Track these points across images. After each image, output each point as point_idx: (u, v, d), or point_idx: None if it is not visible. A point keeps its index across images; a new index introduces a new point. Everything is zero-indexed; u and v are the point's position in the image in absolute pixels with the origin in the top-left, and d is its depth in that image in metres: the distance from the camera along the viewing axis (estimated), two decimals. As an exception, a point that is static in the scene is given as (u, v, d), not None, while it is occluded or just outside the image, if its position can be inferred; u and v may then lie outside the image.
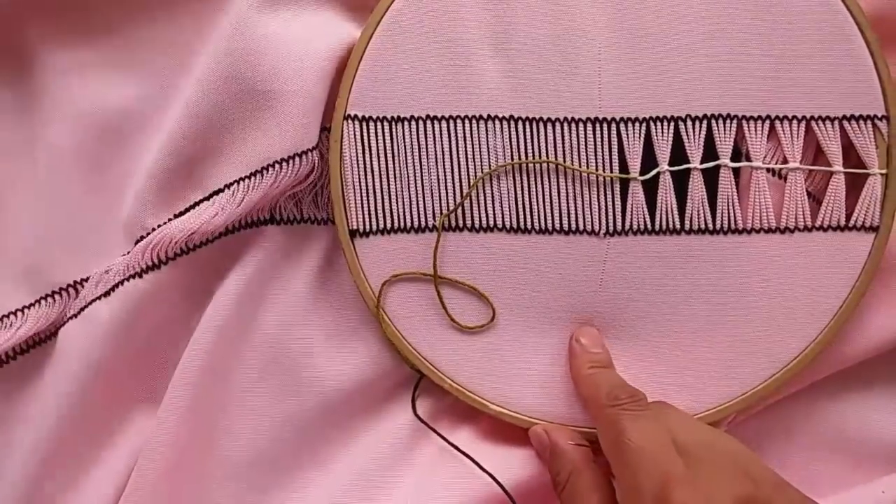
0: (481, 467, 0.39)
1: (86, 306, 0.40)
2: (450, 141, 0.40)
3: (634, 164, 0.40)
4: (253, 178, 0.39)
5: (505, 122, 0.40)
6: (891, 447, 0.42)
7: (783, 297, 0.40)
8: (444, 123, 0.40)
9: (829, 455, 0.42)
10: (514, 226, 0.40)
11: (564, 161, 0.40)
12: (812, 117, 0.39)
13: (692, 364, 0.40)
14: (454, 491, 0.40)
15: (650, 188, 0.40)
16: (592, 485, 0.36)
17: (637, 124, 0.39)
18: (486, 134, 0.40)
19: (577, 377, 0.39)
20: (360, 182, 0.40)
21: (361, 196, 0.40)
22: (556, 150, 0.40)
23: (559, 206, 0.40)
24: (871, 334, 0.40)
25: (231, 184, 0.40)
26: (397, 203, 0.40)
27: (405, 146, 0.40)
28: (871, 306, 0.40)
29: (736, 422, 0.42)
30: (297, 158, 0.39)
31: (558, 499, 0.38)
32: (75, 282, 0.41)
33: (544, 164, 0.40)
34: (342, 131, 0.40)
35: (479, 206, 0.40)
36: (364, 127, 0.40)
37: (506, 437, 0.41)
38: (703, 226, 0.40)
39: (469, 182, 0.40)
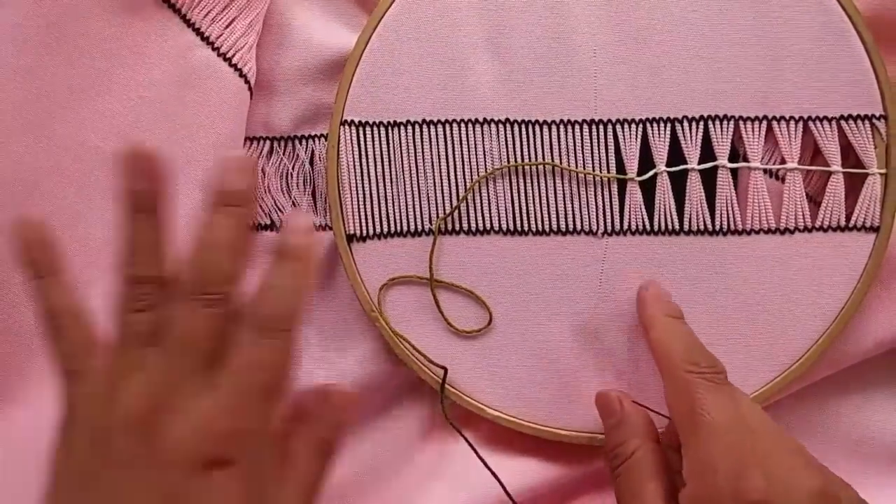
0: (501, 484, 0.39)
1: None
2: (446, 145, 0.40)
3: (632, 165, 0.40)
4: None
5: (501, 125, 0.40)
6: (891, 447, 0.41)
7: (784, 299, 0.40)
8: (440, 127, 0.40)
9: (829, 455, 0.40)
10: (511, 228, 0.40)
11: (561, 162, 0.40)
12: (809, 117, 0.39)
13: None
14: (455, 495, 0.39)
15: (648, 189, 0.40)
16: (652, 471, 0.35)
17: (633, 126, 0.39)
18: (483, 137, 0.40)
19: (652, 323, 0.37)
20: (356, 187, 0.40)
21: (358, 201, 0.40)
22: (552, 152, 0.40)
23: (556, 207, 0.40)
24: (871, 334, 0.40)
25: None
26: (394, 207, 0.40)
27: (401, 151, 0.40)
28: (872, 306, 0.40)
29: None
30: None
31: (610, 471, 0.37)
32: None
33: (541, 166, 0.40)
34: (339, 137, 0.40)
35: (475, 210, 0.40)
36: (361, 132, 0.40)
37: (504, 442, 0.41)
38: (701, 227, 0.40)
39: (465, 186, 0.40)
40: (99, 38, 0.39)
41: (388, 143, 0.40)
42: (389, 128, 0.40)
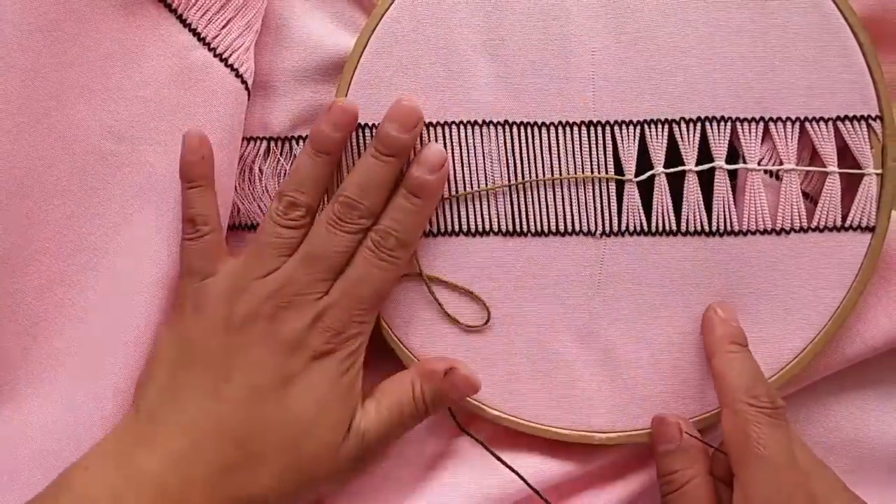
0: (522, 478, 0.39)
1: None
2: (445, 146, 0.40)
3: (629, 166, 0.40)
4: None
5: (500, 127, 0.40)
6: (889, 447, 0.42)
7: (781, 299, 0.40)
8: (438, 129, 0.40)
9: (828, 455, 0.41)
10: (510, 229, 0.40)
11: (560, 163, 0.40)
12: (806, 118, 0.40)
13: (691, 366, 0.40)
14: (463, 488, 0.40)
15: (646, 190, 0.40)
16: (704, 502, 0.37)
17: (631, 127, 0.40)
18: (481, 139, 0.40)
19: (716, 352, 0.38)
20: (355, 188, 0.40)
21: (357, 202, 0.40)
22: (550, 153, 0.40)
23: (554, 208, 0.40)
24: (869, 334, 0.40)
25: None
26: (393, 208, 0.40)
27: (400, 152, 0.40)
28: (869, 306, 0.40)
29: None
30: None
31: (661, 495, 0.38)
32: None
33: (538, 168, 0.40)
34: (338, 138, 0.40)
35: (474, 211, 0.40)
36: (360, 134, 0.40)
37: (503, 440, 0.41)
38: (699, 227, 0.40)
39: (464, 187, 0.40)
40: (96, 37, 0.38)
41: (386, 145, 0.40)
42: (388, 129, 0.40)
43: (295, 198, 0.38)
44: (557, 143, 0.40)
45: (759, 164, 0.40)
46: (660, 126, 0.40)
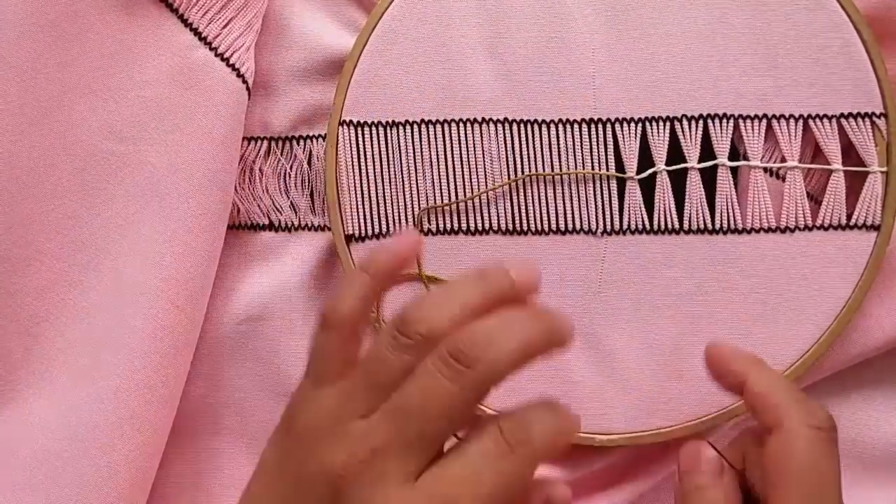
0: None
1: None
2: (444, 145, 0.40)
3: (631, 163, 0.40)
4: None
5: (500, 125, 0.40)
6: (890, 447, 0.41)
7: (785, 298, 0.39)
8: (438, 127, 0.40)
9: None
10: (510, 228, 0.40)
11: (560, 161, 0.40)
12: (809, 116, 0.39)
13: (693, 366, 0.40)
14: None
15: (648, 188, 0.40)
16: None
17: (633, 124, 0.39)
18: (482, 137, 0.40)
19: (750, 372, 0.33)
20: (355, 187, 0.40)
21: (357, 201, 0.40)
22: (551, 151, 0.40)
23: (555, 206, 0.40)
24: (873, 333, 0.40)
25: None
26: (393, 208, 0.40)
27: (400, 151, 0.40)
28: (874, 305, 0.40)
29: (740, 424, 0.41)
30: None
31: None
32: None
33: (539, 166, 0.40)
34: (337, 137, 0.40)
35: (474, 210, 0.40)
36: (359, 132, 0.40)
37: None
38: (701, 226, 0.40)
39: (464, 185, 0.40)
40: (96, 37, 0.39)
41: (386, 144, 0.40)
42: (388, 128, 0.40)
43: (408, 328, 0.30)
44: (558, 141, 0.40)
45: (761, 161, 0.40)
46: (661, 123, 0.39)
